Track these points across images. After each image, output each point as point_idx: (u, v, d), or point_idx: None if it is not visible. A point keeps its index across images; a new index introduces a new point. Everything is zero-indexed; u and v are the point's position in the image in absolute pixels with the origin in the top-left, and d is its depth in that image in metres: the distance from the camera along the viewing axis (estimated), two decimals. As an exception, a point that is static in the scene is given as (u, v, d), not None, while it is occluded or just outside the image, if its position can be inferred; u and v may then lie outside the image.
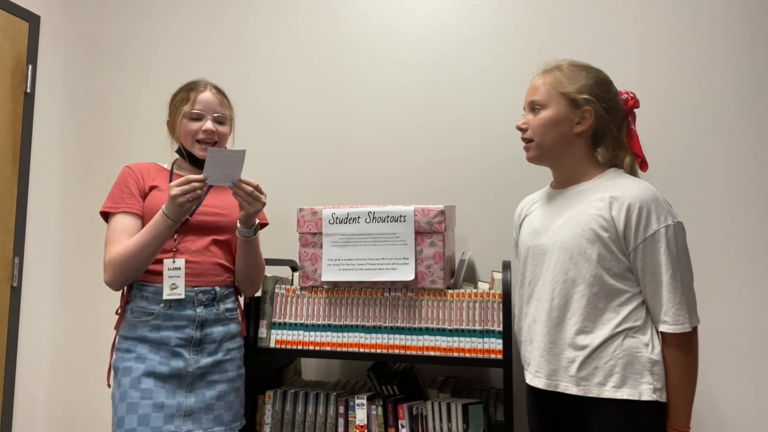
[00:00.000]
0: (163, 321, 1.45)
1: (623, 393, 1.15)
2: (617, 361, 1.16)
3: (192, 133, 1.54)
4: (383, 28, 2.14)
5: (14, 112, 2.21)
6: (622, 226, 1.17)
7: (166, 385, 1.42)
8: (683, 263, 1.17)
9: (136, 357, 1.43)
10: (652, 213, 1.15)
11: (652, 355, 1.16)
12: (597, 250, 1.18)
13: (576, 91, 1.23)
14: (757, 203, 1.81)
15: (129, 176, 1.53)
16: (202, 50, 2.29)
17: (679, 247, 1.16)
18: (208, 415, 1.46)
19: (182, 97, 1.56)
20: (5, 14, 2.17)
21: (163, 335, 1.45)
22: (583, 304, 1.19)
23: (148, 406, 1.38)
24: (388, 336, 1.63)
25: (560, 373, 1.21)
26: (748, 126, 1.84)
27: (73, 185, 2.37)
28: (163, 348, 1.44)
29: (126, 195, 1.49)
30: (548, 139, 1.25)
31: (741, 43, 1.86)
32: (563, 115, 1.23)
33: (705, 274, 1.81)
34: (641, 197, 1.16)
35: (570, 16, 1.99)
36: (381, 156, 2.10)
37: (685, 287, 1.16)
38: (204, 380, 1.47)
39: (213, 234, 1.54)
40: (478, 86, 2.04)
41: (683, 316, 1.15)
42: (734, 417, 1.78)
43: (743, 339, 1.79)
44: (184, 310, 1.47)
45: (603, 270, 1.18)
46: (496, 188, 2.00)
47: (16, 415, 2.19)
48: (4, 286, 2.16)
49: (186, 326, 1.46)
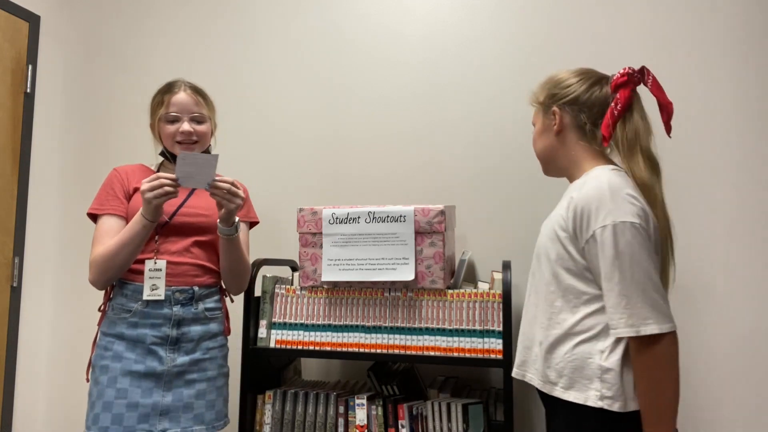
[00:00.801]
0: (140, 319, 1.47)
1: (569, 395, 1.15)
2: (566, 363, 1.16)
3: (170, 135, 1.55)
4: (383, 28, 2.14)
5: (14, 112, 2.21)
6: (572, 226, 1.17)
7: (142, 384, 1.44)
8: (626, 265, 1.09)
9: (113, 356, 1.45)
10: (592, 213, 1.12)
11: (604, 362, 1.12)
12: (556, 250, 1.20)
13: (540, 99, 1.33)
14: (757, 203, 1.81)
15: (115, 178, 1.55)
16: (201, 50, 2.29)
17: (619, 248, 1.09)
18: (186, 414, 1.47)
19: (158, 101, 1.58)
20: (5, 14, 2.17)
21: (140, 333, 1.46)
22: (542, 302, 1.23)
23: (122, 406, 1.41)
24: (388, 336, 1.63)
25: (528, 365, 1.27)
26: (749, 126, 1.84)
27: (73, 185, 2.37)
28: (139, 345, 1.46)
29: (111, 197, 1.53)
30: (538, 150, 1.36)
31: (743, 42, 1.86)
32: (543, 124, 1.33)
33: (704, 274, 1.81)
34: (586, 197, 1.14)
35: (570, 16, 1.99)
36: (381, 156, 2.10)
37: (625, 290, 1.09)
38: (182, 379, 1.48)
39: (195, 235, 1.55)
40: (478, 86, 2.04)
41: (620, 320, 1.09)
42: (733, 417, 1.78)
43: (743, 339, 1.79)
44: (161, 308, 1.48)
45: (562, 269, 1.19)
46: (496, 188, 2.00)
47: (16, 415, 2.19)
48: (4, 286, 2.16)
49: (162, 324, 1.48)
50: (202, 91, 1.64)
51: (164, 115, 1.55)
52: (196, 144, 1.58)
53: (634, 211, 1.11)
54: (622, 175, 1.18)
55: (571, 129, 1.28)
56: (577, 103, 1.27)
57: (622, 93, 1.22)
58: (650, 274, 1.09)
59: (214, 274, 1.60)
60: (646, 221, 1.12)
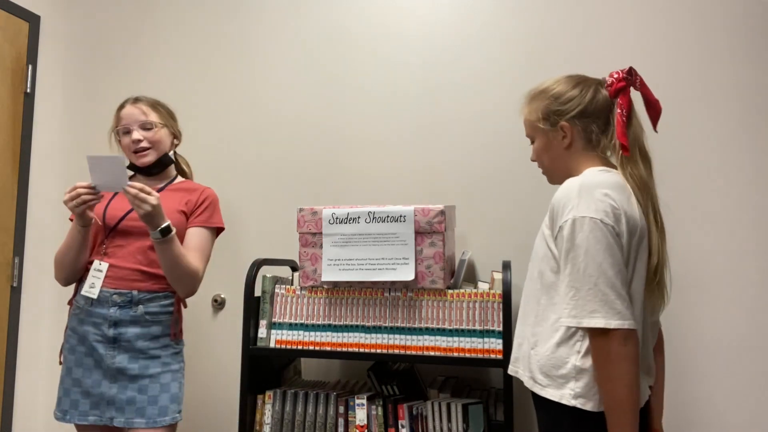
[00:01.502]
0: (85, 316, 1.59)
1: (547, 392, 1.17)
2: (546, 361, 1.17)
3: (126, 147, 1.68)
4: (383, 28, 2.14)
5: (14, 112, 2.21)
6: (549, 224, 1.22)
7: (92, 375, 1.57)
8: (580, 258, 1.10)
9: (69, 348, 1.61)
10: (559, 209, 1.16)
11: (578, 362, 1.13)
12: (542, 247, 1.24)
13: (541, 118, 1.30)
14: (756, 202, 1.81)
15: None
16: (201, 50, 2.29)
17: (575, 242, 1.10)
18: (130, 407, 1.55)
19: (113, 118, 1.70)
20: (5, 14, 2.17)
21: (84, 329, 1.59)
22: (531, 299, 1.25)
23: (78, 393, 1.57)
24: (388, 336, 1.63)
25: (519, 361, 1.28)
26: (747, 125, 1.84)
27: (73, 185, 2.36)
28: (85, 341, 1.59)
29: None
30: (548, 163, 1.35)
31: (738, 38, 1.86)
32: (547, 140, 1.31)
33: (704, 274, 1.82)
34: (558, 196, 1.18)
35: (570, 16, 1.99)
36: (381, 156, 2.10)
37: (575, 282, 1.10)
38: (125, 374, 1.56)
39: (141, 239, 1.60)
40: (479, 86, 2.04)
41: (565, 310, 1.11)
42: (732, 418, 1.78)
43: (741, 340, 1.79)
44: (101, 308, 1.58)
45: (546, 267, 1.21)
46: (496, 188, 2.00)
47: (16, 415, 2.19)
48: (4, 286, 2.16)
49: (101, 324, 1.57)
50: (151, 101, 1.72)
51: (118, 130, 1.68)
52: (149, 150, 1.66)
53: (599, 208, 1.11)
54: (607, 175, 1.19)
55: (579, 139, 1.28)
56: (586, 114, 1.26)
57: (622, 98, 1.25)
58: (604, 269, 1.08)
59: (159, 280, 1.62)
60: (615, 219, 1.11)
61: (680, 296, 1.82)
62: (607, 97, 1.27)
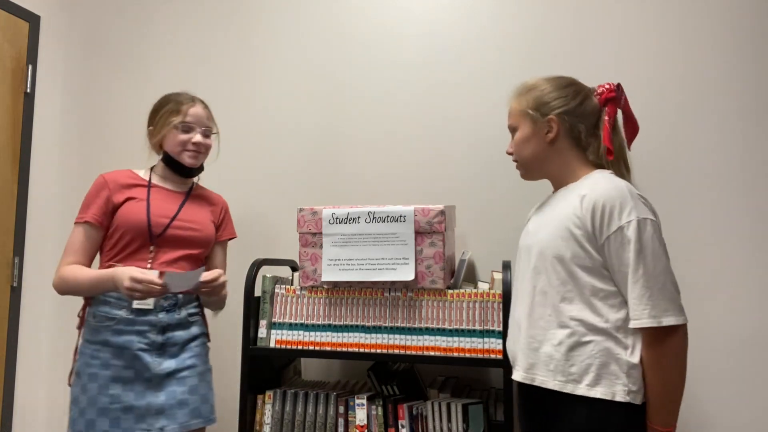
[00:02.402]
0: (125, 326, 1.49)
1: (596, 392, 1.16)
2: (593, 360, 1.17)
3: (182, 143, 1.61)
4: (383, 27, 2.14)
5: (14, 112, 2.21)
6: (589, 223, 1.19)
7: (134, 388, 1.47)
8: (649, 259, 1.14)
9: (101, 364, 1.47)
10: (615, 210, 1.17)
11: (630, 358, 1.16)
12: (571, 248, 1.20)
13: (534, 106, 1.31)
14: (754, 201, 1.81)
15: (103, 188, 1.58)
16: (201, 50, 2.29)
17: (643, 243, 1.14)
18: (182, 410, 1.50)
19: (172, 109, 1.61)
20: (5, 14, 2.17)
21: (126, 339, 1.48)
22: (558, 301, 1.22)
23: (118, 410, 1.45)
24: (388, 336, 1.63)
25: (538, 367, 1.24)
26: (745, 123, 1.84)
27: (73, 185, 2.36)
28: (125, 352, 1.48)
29: (93, 206, 1.56)
30: (526, 156, 1.35)
31: (728, 36, 1.86)
32: (531, 130, 1.32)
33: (702, 275, 1.81)
34: (606, 194, 1.18)
35: (569, 16, 1.99)
36: (381, 156, 2.10)
37: (649, 282, 1.14)
38: (173, 378, 1.51)
39: (185, 248, 1.61)
40: (478, 86, 2.04)
41: (643, 311, 1.13)
42: (731, 418, 1.78)
43: (739, 339, 1.79)
44: (146, 315, 1.51)
45: (578, 267, 1.20)
46: (496, 188, 2.00)
47: (16, 415, 2.19)
48: (4, 286, 2.16)
49: (148, 331, 1.51)
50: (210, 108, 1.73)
51: (180, 124, 1.60)
52: (201, 155, 1.67)
53: (650, 209, 1.19)
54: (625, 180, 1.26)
55: (565, 137, 1.30)
56: (575, 113, 1.30)
57: (611, 107, 1.31)
58: (668, 268, 1.16)
59: None
60: (659, 219, 1.19)
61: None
62: (596, 104, 1.32)
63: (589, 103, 1.31)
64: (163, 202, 1.61)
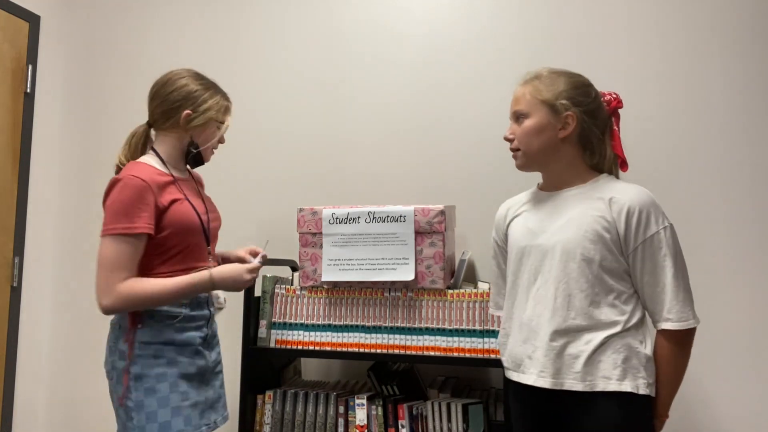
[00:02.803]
0: (186, 323, 1.44)
1: (625, 386, 1.18)
2: (618, 356, 1.19)
3: (214, 141, 1.53)
4: (383, 28, 2.14)
5: (14, 112, 2.21)
6: (622, 227, 1.20)
7: (194, 384, 1.44)
8: (680, 263, 1.21)
9: (168, 362, 1.40)
10: (651, 215, 1.20)
11: (647, 351, 1.21)
12: (600, 251, 1.20)
13: (555, 97, 1.26)
14: (753, 202, 1.81)
15: (147, 192, 1.37)
16: (202, 50, 2.29)
17: (676, 248, 1.20)
18: (219, 402, 1.52)
19: (223, 106, 1.53)
20: (5, 14, 2.17)
21: (188, 336, 1.44)
22: (586, 304, 1.21)
23: (188, 407, 1.40)
24: (388, 336, 1.63)
25: (564, 371, 1.22)
26: (743, 124, 1.84)
27: (73, 185, 2.37)
28: (187, 349, 1.44)
29: (144, 213, 1.37)
30: (534, 147, 1.29)
31: (733, 40, 1.86)
32: (545, 122, 1.26)
33: (701, 275, 1.81)
34: (640, 200, 1.21)
35: (570, 15, 1.99)
36: (381, 156, 2.10)
37: (686, 286, 1.20)
38: (213, 372, 1.51)
39: (215, 238, 1.58)
40: (478, 86, 2.04)
41: (687, 313, 1.19)
42: (731, 417, 1.78)
43: (739, 339, 1.79)
44: (202, 310, 1.48)
45: (603, 271, 1.21)
46: (496, 188, 1.99)
47: (16, 415, 2.19)
48: (4, 286, 2.16)
49: (203, 325, 1.48)
50: None
51: (222, 125, 1.54)
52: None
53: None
54: None
55: (576, 137, 1.28)
56: (594, 115, 1.28)
57: (616, 116, 1.33)
58: (688, 275, 1.22)
59: None
60: None
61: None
62: (606, 111, 1.32)
63: (603, 109, 1.31)
64: (193, 197, 1.51)
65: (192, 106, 1.48)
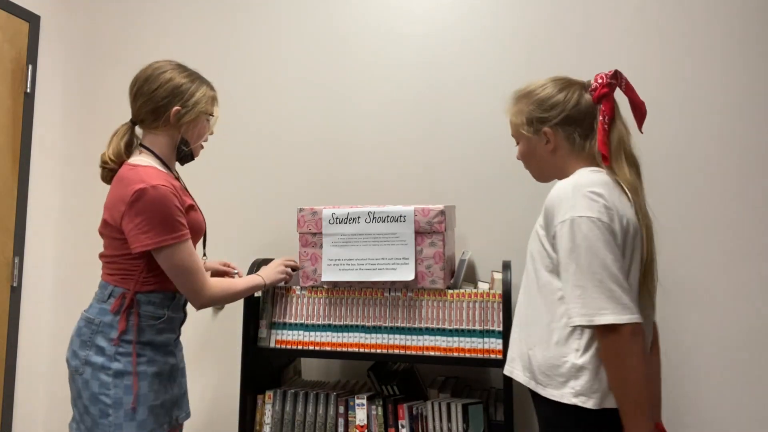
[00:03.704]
0: (166, 324, 1.48)
1: (548, 392, 1.17)
2: (546, 361, 1.17)
3: (203, 134, 1.51)
4: (383, 28, 2.14)
5: (14, 112, 2.21)
6: (543, 223, 1.21)
7: (164, 382, 1.48)
8: (582, 256, 1.11)
9: (147, 361, 1.43)
10: (556, 208, 1.16)
11: (577, 360, 1.14)
12: (537, 248, 1.23)
13: (525, 122, 1.30)
14: (754, 201, 1.81)
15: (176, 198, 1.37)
16: (202, 51, 2.29)
17: (576, 241, 1.11)
18: (184, 399, 1.57)
19: (212, 96, 1.49)
20: (5, 14, 2.17)
21: (166, 337, 1.48)
22: (526, 299, 1.25)
23: (158, 406, 1.45)
24: (388, 336, 1.63)
25: (515, 362, 1.27)
26: (743, 125, 1.84)
27: (73, 185, 2.37)
28: (161, 349, 1.47)
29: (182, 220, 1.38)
30: (534, 168, 1.35)
31: (734, 40, 1.86)
32: (532, 145, 1.31)
33: (702, 275, 1.82)
34: (553, 194, 1.18)
35: (570, 15, 1.99)
36: (381, 156, 2.10)
37: (580, 280, 1.10)
38: (179, 370, 1.56)
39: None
40: (478, 86, 2.04)
41: (574, 309, 1.11)
42: (731, 419, 1.78)
43: (739, 340, 1.79)
44: (179, 312, 1.53)
45: (541, 266, 1.21)
46: (496, 188, 2.00)
47: (16, 415, 2.19)
48: (4, 286, 2.16)
49: (177, 327, 1.54)
50: None
51: (212, 117, 1.50)
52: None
53: (594, 207, 1.12)
54: (597, 175, 1.19)
55: (564, 143, 1.28)
56: (569, 121, 1.26)
57: (605, 104, 1.25)
58: (607, 266, 1.10)
59: None
60: (609, 218, 1.13)
61: (677, 297, 1.82)
62: (590, 102, 1.27)
63: (582, 104, 1.27)
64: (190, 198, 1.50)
65: (180, 101, 1.43)
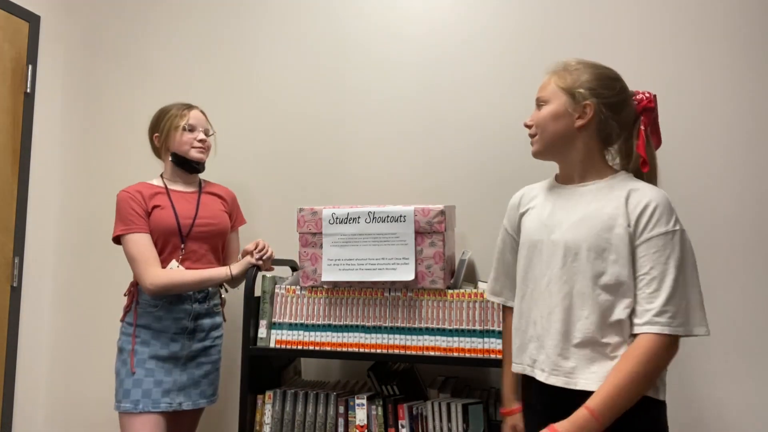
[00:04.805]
0: (164, 313, 1.72)
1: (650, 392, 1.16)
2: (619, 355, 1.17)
3: (189, 141, 1.79)
4: (383, 28, 2.14)
5: (14, 112, 2.21)
6: (635, 218, 1.18)
7: (164, 366, 1.70)
8: (689, 270, 1.16)
9: (141, 342, 1.70)
10: (665, 214, 1.17)
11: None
12: (614, 248, 1.18)
13: (574, 85, 1.26)
14: (755, 203, 1.81)
15: (131, 200, 1.72)
16: (201, 51, 2.29)
17: (685, 253, 1.16)
18: (195, 390, 1.75)
19: (175, 113, 1.80)
20: (5, 14, 2.17)
21: (164, 324, 1.72)
22: (599, 301, 1.18)
23: (150, 383, 1.67)
24: (388, 336, 1.63)
25: (578, 371, 1.19)
26: (748, 125, 1.84)
27: (73, 185, 2.37)
28: (162, 335, 1.72)
29: (134, 217, 1.70)
30: (549, 133, 1.29)
31: (740, 40, 1.86)
32: (563, 109, 1.26)
33: (703, 275, 1.82)
34: (658, 197, 1.19)
35: (570, 15, 1.99)
36: (381, 156, 2.10)
37: (686, 293, 1.15)
38: (194, 362, 1.76)
39: (209, 241, 1.80)
40: (478, 86, 2.04)
41: (673, 320, 1.13)
42: (735, 419, 1.78)
43: (743, 340, 1.79)
44: (183, 304, 1.74)
45: (617, 266, 1.18)
46: (496, 188, 2.00)
47: (16, 415, 2.19)
48: (4, 286, 2.16)
49: (183, 318, 1.73)
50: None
51: (186, 125, 1.79)
52: (206, 152, 1.84)
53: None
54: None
55: (594, 129, 1.26)
56: (613, 109, 1.25)
57: (647, 117, 1.29)
58: (699, 283, 1.18)
59: None
60: None
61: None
62: (634, 109, 1.29)
63: (629, 106, 1.28)
64: (184, 204, 1.78)
65: (156, 130, 1.82)
